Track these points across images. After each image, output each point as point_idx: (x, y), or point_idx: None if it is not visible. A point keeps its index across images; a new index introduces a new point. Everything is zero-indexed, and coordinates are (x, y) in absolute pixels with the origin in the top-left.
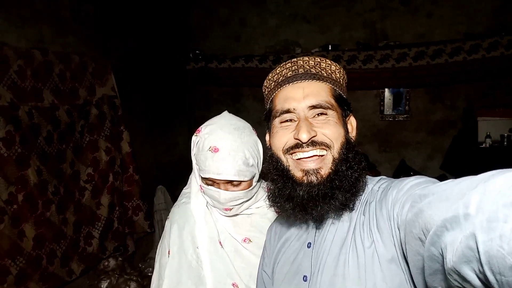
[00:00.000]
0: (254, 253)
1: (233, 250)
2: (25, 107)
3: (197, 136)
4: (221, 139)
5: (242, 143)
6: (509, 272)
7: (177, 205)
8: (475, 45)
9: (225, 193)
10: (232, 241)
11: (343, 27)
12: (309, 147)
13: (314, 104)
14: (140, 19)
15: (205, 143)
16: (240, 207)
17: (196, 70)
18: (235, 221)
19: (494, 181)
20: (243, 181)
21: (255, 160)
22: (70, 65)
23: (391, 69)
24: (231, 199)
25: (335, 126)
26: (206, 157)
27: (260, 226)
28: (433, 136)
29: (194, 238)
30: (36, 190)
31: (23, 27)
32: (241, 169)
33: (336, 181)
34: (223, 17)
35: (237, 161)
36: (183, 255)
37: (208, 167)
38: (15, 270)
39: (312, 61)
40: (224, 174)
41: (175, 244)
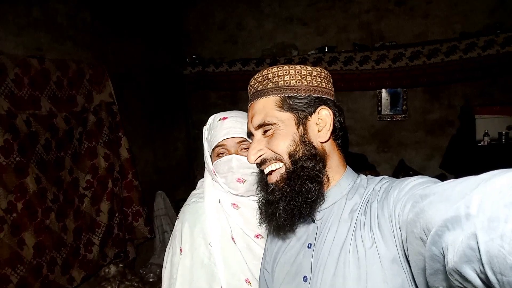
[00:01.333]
0: None
1: (246, 246)
2: (22, 116)
3: (206, 125)
4: (229, 113)
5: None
6: (510, 272)
7: (187, 204)
8: (471, 43)
9: (236, 157)
10: (245, 237)
11: (339, 29)
12: (262, 165)
13: (257, 124)
14: (137, 24)
15: (215, 119)
16: (252, 183)
17: (193, 74)
18: (246, 217)
19: (495, 181)
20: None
21: None
22: (67, 72)
23: (388, 70)
24: (242, 164)
25: (281, 139)
26: (216, 126)
27: None
28: (431, 136)
29: (206, 235)
30: (35, 198)
31: (20, 35)
32: None
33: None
34: (219, 21)
35: (244, 124)
36: (195, 253)
37: (218, 132)
38: (15, 279)
39: (261, 77)
40: (232, 133)
41: (186, 242)
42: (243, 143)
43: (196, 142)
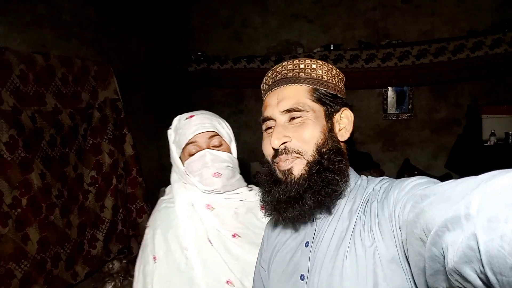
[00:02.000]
0: (244, 248)
1: (223, 247)
2: (28, 112)
3: (171, 127)
4: (195, 112)
5: (214, 114)
6: (510, 273)
7: (157, 211)
8: (478, 42)
9: (209, 151)
10: (221, 237)
11: (345, 27)
12: (283, 155)
13: (287, 108)
14: (142, 21)
15: (181, 118)
16: (229, 178)
17: (198, 71)
18: (221, 218)
19: (495, 181)
20: (222, 141)
21: (230, 132)
22: (72, 69)
23: (394, 68)
24: (216, 159)
25: (310, 129)
26: (184, 125)
27: (246, 221)
28: (437, 135)
29: (180, 240)
30: (40, 193)
31: (25, 32)
32: (218, 126)
33: (307, 183)
34: (224, 18)
35: (213, 120)
36: (171, 259)
37: (187, 130)
38: (20, 274)
39: (291, 65)
40: (202, 128)
41: (161, 249)
42: (214, 138)
43: None
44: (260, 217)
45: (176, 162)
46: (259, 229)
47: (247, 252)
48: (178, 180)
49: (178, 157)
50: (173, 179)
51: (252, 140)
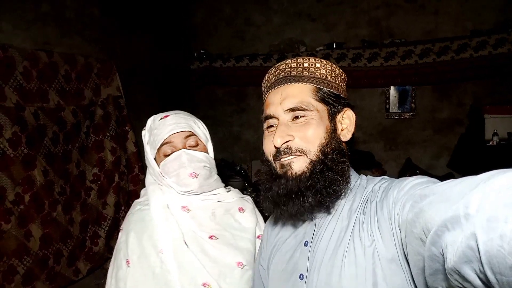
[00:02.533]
0: (221, 250)
1: (200, 250)
2: (31, 108)
3: (145, 128)
4: (169, 112)
5: (189, 114)
6: (509, 272)
7: (131, 213)
8: (482, 41)
9: (185, 151)
10: (198, 239)
11: (348, 25)
12: (285, 154)
13: (291, 107)
14: (144, 19)
15: (155, 119)
16: (206, 178)
17: (200, 69)
18: (198, 220)
19: (494, 181)
20: (199, 140)
21: (206, 132)
22: (75, 66)
23: (397, 67)
24: (193, 159)
25: (313, 128)
26: (159, 125)
27: (223, 223)
28: (439, 134)
29: (155, 243)
30: (42, 190)
31: (29, 29)
32: (193, 126)
33: (309, 181)
34: (227, 16)
35: (188, 120)
36: (145, 263)
37: (162, 130)
38: (22, 270)
39: (295, 63)
40: (177, 128)
41: (134, 253)
42: (190, 138)
43: None
44: (238, 218)
45: (151, 163)
46: (237, 230)
47: (225, 254)
48: (153, 183)
49: (153, 158)
50: (148, 181)
51: (254, 139)
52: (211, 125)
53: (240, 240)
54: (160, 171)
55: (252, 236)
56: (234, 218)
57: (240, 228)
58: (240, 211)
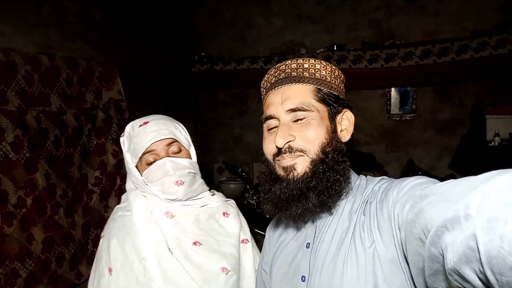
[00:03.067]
0: (205, 256)
1: (184, 256)
2: (33, 112)
3: (124, 134)
4: (148, 117)
5: (169, 119)
6: (509, 273)
7: (112, 219)
8: (482, 42)
9: (169, 159)
10: (182, 245)
11: (349, 27)
12: (286, 153)
13: (292, 107)
14: (146, 22)
15: (134, 126)
16: (191, 184)
17: (201, 72)
18: (182, 225)
19: (494, 181)
20: (181, 146)
21: (188, 136)
22: (77, 69)
23: (398, 68)
24: (177, 166)
25: (314, 128)
26: (139, 133)
27: (207, 228)
28: (441, 135)
29: (138, 249)
30: (44, 193)
31: (31, 33)
32: (175, 132)
33: (312, 182)
34: (228, 18)
35: (169, 126)
36: (129, 270)
37: (144, 138)
38: (24, 273)
39: (295, 64)
40: (159, 135)
41: (117, 260)
42: (172, 145)
43: (204, 140)
44: (222, 223)
45: (133, 171)
46: (221, 235)
47: (209, 260)
48: (135, 188)
49: (135, 166)
50: (129, 187)
51: (255, 141)
52: (213, 128)
53: (224, 245)
54: (143, 180)
55: (236, 241)
56: (218, 223)
57: (225, 233)
58: (224, 216)
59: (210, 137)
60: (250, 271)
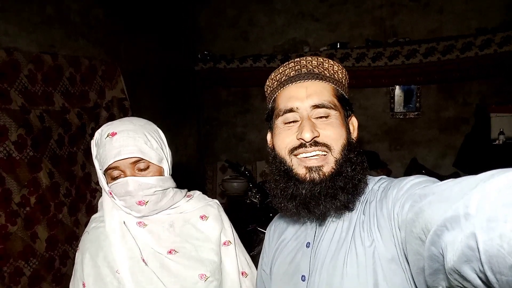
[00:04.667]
0: (182, 264)
1: (159, 265)
2: (36, 111)
3: (94, 139)
4: (118, 125)
5: (141, 126)
6: (509, 272)
7: (86, 232)
8: (487, 40)
9: (133, 179)
10: (156, 255)
11: (352, 25)
12: (311, 147)
13: (317, 103)
14: (149, 21)
15: (103, 133)
16: (156, 202)
17: (204, 70)
18: (156, 234)
19: (494, 180)
20: (150, 163)
21: (160, 145)
22: (80, 68)
23: (401, 66)
24: (142, 186)
25: (337, 127)
26: (105, 144)
27: (184, 234)
28: (445, 134)
29: (111, 263)
30: (48, 192)
31: (34, 32)
32: (143, 148)
33: (339, 181)
34: (231, 17)
35: (138, 140)
36: (101, 285)
37: (108, 152)
38: (28, 272)
39: (315, 61)
40: (125, 153)
41: (90, 276)
42: (139, 163)
43: (207, 139)
44: (200, 227)
45: (101, 179)
46: (199, 240)
47: (186, 267)
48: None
49: (102, 174)
50: (104, 194)
51: (258, 139)
52: (216, 126)
53: (202, 251)
54: (110, 191)
55: (216, 245)
56: (195, 227)
57: (203, 237)
58: (203, 219)
59: (213, 135)
60: (232, 274)
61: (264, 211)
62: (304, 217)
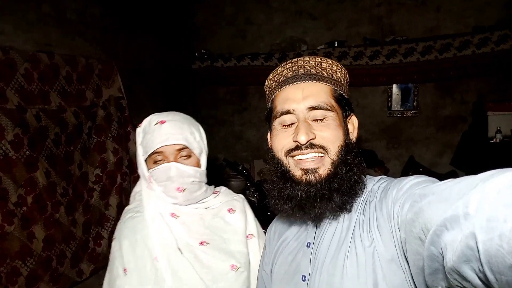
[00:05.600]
0: (213, 255)
1: (192, 256)
2: (32, 110)
3: (141, 126)
4: (168, 115)
5: (187, 119)
6: (508, 271)
7: (122, 222)
8: (484, 38)
9: (175, 165)
10: (189, 246)
11: (350, 23)
12: (307, 149)
13: (314, 105)
14: (147, 19)
15: (152, 121)
16: (192, 192)
17: (202, 69)
18: (187, 226)
19: (493, 180)
20: (192, 153)
21: (202, 140)
22: (77, 67)
23: (399, 65)
24: (182, 173)
25: (334, 129)
26: (154, 130)
27: (213, 227)
28: (442, 132)
29: (150, 251)
30: (45, 192)
31: (30, 31)
32: (189, 138)
33: (335, 183)
34: (228, 15)
35: (184, 130)
36: (142, 271)
37: (156, 138)
38: (25, 272)
39: (313, 61)
40: (172, 139)
41: (130, 261)
42: (183, 151)
43: None
44: (228, 220)
45: (142, 165)
46: (227, 233)
47: (217, 259)
48: (147, 189)
49: (144, 161)
50: (143, 185)
51: (255, 138)
52: (213, 125)
53: (231, 243)
54: (149, 176)
55: (243, 237)
56: (224, 220)
57: (231, 230)
58: (230, 212)
59: (211, 134)
60: (255, 266)
61: (262, 210)
62: (300, 218)
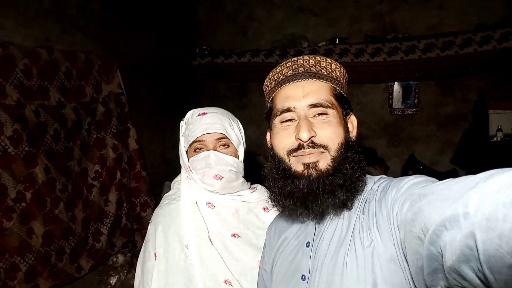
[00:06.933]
0: (243, 249)
1: (223, 247)
2: (31, 106)
3: (184, 119)
4: (209, 108)
5: (226, 113)
6: (507, 271)
7: (160, 207)
8: (486, 36)
9: (214, 153)
10: (221, 237)
11: (351, 20)
12: (309, 148)
13: (315, 102)
14: (147, 15)
15: (194, 113)
16: (229, 181)
17: (202, 65)
18: (222, 217)
19: (493, 180)
20: (230, 143)
21: (241, 133)
22: (76, 63)
23: (400, 62)
24: (220, 161)
25: (335, 126)
26: (195, 121)
27: (247, 221)
28: (443, 130)
29: (181, 238)
30: (44, 187)
31: (30, 26)
32: (228, 129)
33: (338, 178)
34: (230, 11)
35: (224, 121)
36: (170, 257)
37: (197, 127)
38: (24, 267)
39: (313, 60)
40: (212, 128)
41: (160, 246)
42: (222, 140)
43: None
44: (262, 218)
45: (182, 155)
46: (260, 229)
47: (247, 253)
48: (187, 178)
49: (185, 151)
50: (183, 175)
51: (256, 135)
52: None
53: (262, 239)
54: (189, 165)
55: None
56: (258, 217)
57: (264, 227)
58: (265, 210)
59: None
60: None
61: None
62: (302, 214)
